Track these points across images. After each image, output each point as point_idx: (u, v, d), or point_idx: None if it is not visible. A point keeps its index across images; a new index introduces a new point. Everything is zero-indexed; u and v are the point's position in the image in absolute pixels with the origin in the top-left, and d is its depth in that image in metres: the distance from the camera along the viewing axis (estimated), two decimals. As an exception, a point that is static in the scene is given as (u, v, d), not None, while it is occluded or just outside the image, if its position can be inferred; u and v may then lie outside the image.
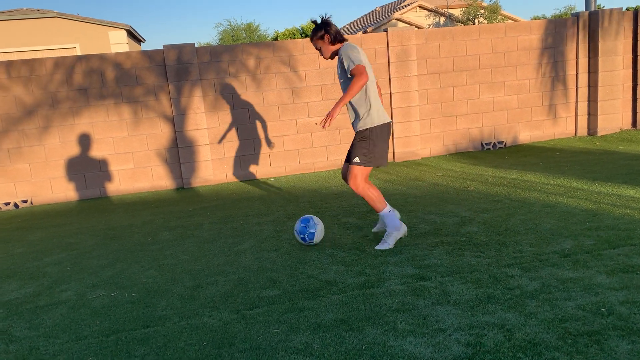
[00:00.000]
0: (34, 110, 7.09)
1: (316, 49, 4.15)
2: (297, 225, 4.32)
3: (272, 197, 6.46)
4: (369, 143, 4.00)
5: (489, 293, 3.09)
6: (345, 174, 4.22)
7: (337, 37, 4.06)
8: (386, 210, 4.07)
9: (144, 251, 4.61)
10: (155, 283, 3.77)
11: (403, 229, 4.13)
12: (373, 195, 4.05)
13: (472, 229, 4.34)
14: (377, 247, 4.08)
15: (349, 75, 3.91)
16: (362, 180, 4.02)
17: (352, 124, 4.14)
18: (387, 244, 4.07)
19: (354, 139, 4.10)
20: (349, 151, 4.15)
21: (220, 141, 7.58)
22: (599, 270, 3.27)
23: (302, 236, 4.27)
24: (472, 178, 6.40)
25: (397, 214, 4.20)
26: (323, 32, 4.04)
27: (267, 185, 7.29)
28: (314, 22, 4.12)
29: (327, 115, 3.78)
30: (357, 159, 4.01)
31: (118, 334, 2.99)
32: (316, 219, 4.32)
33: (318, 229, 4.28)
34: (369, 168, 4.05)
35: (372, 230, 4.54)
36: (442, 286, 3.25)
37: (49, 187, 7.31)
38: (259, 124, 7.70)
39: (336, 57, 4.13)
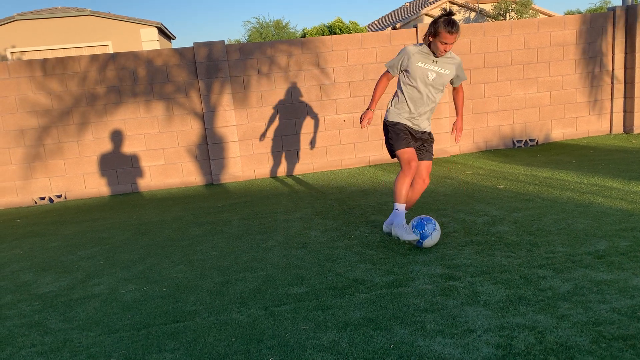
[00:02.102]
0: (68, 107, 7.26)
1: (450, 42, 3.84)
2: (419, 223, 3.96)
3: (299, 194, 6.47)
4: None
5: (520, 294, 3.04)
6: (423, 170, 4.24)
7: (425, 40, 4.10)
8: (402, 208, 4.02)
9: (174, 246, 4.67)
10: (185, 278, 3.82)
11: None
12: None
13: (503, 229, 4.28)
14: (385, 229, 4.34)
15: (455, 88, 4.29)
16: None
17: (427, 117, 4.19)
18: (395, 230, 3.98)
19: (430, 137, 4.24)
20: (426, 148, 4.23)
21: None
22: (635, 273, 3.19)
23: (418, 232, 3.91)
24: (502, 176, 6.30)
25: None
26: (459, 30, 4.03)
27: (295, 182, 7.31)
28: (452, 14, 3.89)
29: (460, 130, 4.31)
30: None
31: (149, 328, 3.04)
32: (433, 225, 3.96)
33: (433, 235, 3.93)
34: None
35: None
36: (471, 286, 3.21)
37: (82, 182, 7.48)
38: (287, 121, 7.72)
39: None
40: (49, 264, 4.48)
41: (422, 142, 4.20)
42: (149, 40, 19.02)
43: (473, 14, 29.69)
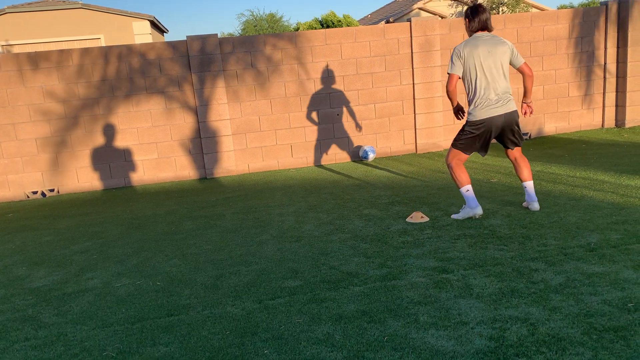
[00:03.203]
0: (60, 101, 7.21)
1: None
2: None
3: (293, 188, 6.48)
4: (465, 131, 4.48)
5: (513, 287, 3.07)
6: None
7: (472, 28, 4.37)
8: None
9: (168, 240, 4.67)
10: (179, 272, 3.83)
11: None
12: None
13: (496, 222, 4.31)
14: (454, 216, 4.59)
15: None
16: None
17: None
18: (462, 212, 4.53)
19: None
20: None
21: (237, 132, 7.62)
22: (626, 265, 3.22)
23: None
24: (495, 170, 6.33)
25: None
26: (466, 19, 4.43)
27: (288, 176, 7.31)
28: (473, 3, 4.34)
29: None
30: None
31: (143, 322, 3.05)
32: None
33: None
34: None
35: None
36: (464, 279, 3.24)
37: (75, 176, 7.45)
38: (281, 115, 7.71)
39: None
40: (42, 258, 4.46)
41: None
42: (141, 34, 18.89)
43: (466, 8, 29.69)
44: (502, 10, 28.29)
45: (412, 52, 7.78)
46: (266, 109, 7.66)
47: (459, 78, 4.36)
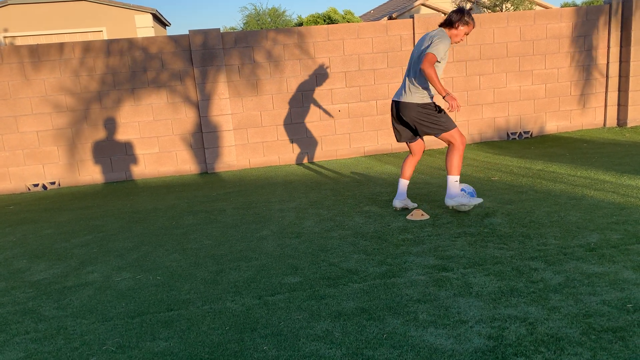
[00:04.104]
0: (62, 94, 7.21)
1: (466, 34, 4.39)
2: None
3: (294, 183, 6.48)
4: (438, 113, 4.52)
5: (512, 286, 3.07)
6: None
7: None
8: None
9: (168, 235, 4.68)
10: (179, 267, 3.83)
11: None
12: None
13: (496, 220, 4.31)
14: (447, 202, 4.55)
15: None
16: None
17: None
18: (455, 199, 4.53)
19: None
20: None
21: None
22: (626, 266, 3.22)
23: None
24: (496, 168, 6.33)
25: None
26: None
27: (289, 171, 7.31)
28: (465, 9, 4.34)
29: (455, 101, 4.19)
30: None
31: (143, 316, 3.05)
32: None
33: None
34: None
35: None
36: (464, 278, 3.24)
37: (76, 170, 7.45)
38: (282, 111, 7.71)
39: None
40: (42, 251, 4.47)
41: None
42: (143, 27, 18.85)
43: (469, 4, 29.60)
44: (505, 7, 28.20)
45: (414, 49, 7.76)
46: (268, 104, 7.65)
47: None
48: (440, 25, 4.40)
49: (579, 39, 8.24)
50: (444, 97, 4.12)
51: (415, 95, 4.41)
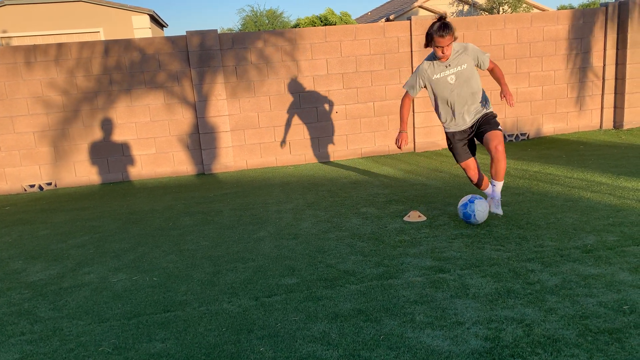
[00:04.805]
0: (59, 94, 7.19)
1: (444, 45, 4.03)
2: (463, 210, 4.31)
3: (291, 185, 6.48)
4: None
5: (509, 287, 3.08)
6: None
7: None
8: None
9: (165, 236, 4.67)
10: (175, 268, 3.83)
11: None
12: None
13: (493, 222, 4.31)
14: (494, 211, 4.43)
15: (488, 69, 4.32)
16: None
17: (468, 109, 4.33)
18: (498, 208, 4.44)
19: (482, 117, 4.33)
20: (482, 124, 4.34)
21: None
22: (622, 267, 3.23)
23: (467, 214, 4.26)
24: (493, 170, 6.33)
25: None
26: (453, 31, 4.08)
27: (286, 173, 7.31)
28: (444, 19, 4.08)
29: (510, 95, 4.10)
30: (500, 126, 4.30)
31: (139, 318, 3.05)
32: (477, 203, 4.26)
33: (479, 209, 4.21)
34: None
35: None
36: (461, 279, 3.24)
37: (72, 170, 7.43)
38: (279, 112, 7.70)
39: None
40: (38, 252, 4.46)
41: (477, 125, 4.36)
42: (140, 28, 18.83)
43: (466, 7, 29.66)
44: (502, 9, 28.27)
45: (411, 51, 7.78)
46: (265, 105, 7.65)
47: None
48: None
49: (575, 42, 8.26)
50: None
51: None
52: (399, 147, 4.34)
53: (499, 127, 4.27)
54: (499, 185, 4.33)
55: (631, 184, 5.12)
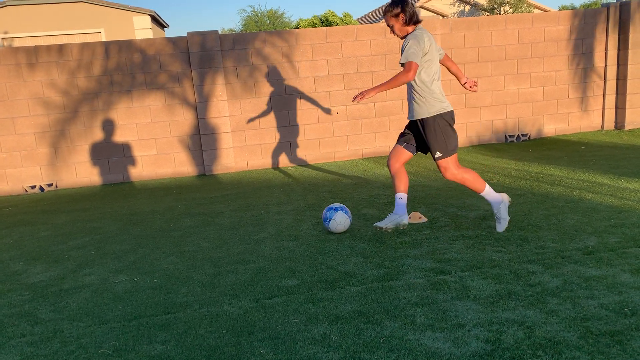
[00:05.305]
0: (60, 95, 7.19)
1: (388, 26, 4.00)
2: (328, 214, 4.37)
3: (292, 186, 6.47)
4: (441, 132, 3.94)
5: (510, 289, 3.07)
6: (392, 160, 4.15)
7: (412, 19, 3.93)
8: (487, 189, 4.07)
9: (166, 237, 4.66)
10: (176, 269, 3.82)
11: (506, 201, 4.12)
12: (470, 177, 4.03)
13: (494, 223, 4.30)
14: (499, 230, 4.10)
15: (401, 65, 3.85)
16: (455, 168, 4.01)
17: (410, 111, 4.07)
18: (501, 223, 4.10)
19: (425, 130, 3.99)
20: (425, 145, 4.07)
21: (249, 121, 7.61)
22: (623, 269, 3.22)
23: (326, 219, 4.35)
24: (494, 171, 6.33)
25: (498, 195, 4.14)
26: (399, 10, 3.90)
27: (287, 174, 7.30)
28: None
29: (362, 92, 3.78)
30: (438, 154, 3.98)
31: (139, 319, 3.04)
32: (342, 214, 4.31)
33: (336, 220, 4.29)
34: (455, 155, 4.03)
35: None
36: (462, 281, 3.24)
37: (73, 171, 7.43)
38: (280, 113, 7.70)
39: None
40: (39, 254, 4.46)
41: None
42: (141, 29, 18.85)
43: (468, 7, 29.64)
44: (503, 10, 28.26)
45: (412, 52, 7.76)
46: (266, 106, 7.65)
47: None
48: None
49: (577, 42, 8.25)
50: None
51: None
52: (354, 100, 3.85)
53: (437, 155, 4.04)
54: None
55: (633, 185, 5.11)
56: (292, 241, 4.28)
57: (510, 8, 28.05)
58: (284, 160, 7.88)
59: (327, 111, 7.74)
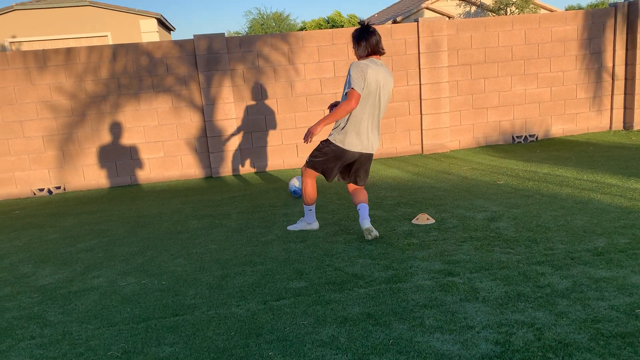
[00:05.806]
0: (68, 99, 7.23)
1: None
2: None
3: (299, 187, 6.47)
4: (323, 151, 4.19)
5: (519, 291, 3.05)
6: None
7: (362, 53, 4.05)
8: (312, 207, 4.46)
9: (173, 239, 4.67)
10: (184, 272, 3.83)
11: (314, 225, 4.57)
12: (309, 191, 4.36)
13: (502, 225, 4.28)
14: (289, 227, 4.63)
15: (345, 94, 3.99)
16: (307, 178, 4.32)
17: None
18: (298, 223, 4.60)
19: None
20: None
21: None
22: (634, 270, 3.19)
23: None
24: (502, 172, 6.30)
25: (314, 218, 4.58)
26: (354, 42, 4.08)
27: (294, 175, 7.30)
28: (360, 23, 4.10)
29: (309, 131, 3.99)
30: (308, 158, 4.29)
31: (148, 322, 3.05)
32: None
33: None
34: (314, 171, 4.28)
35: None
36: (470, 282, 3.22)
37: (81, 174, 7.47)
38: (287, 115, 7.70)
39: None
40: (48, 256, 4.48)
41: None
42: (148, 32, 18.93)
43: (474, 8, 29.57)
44: (510, 10, 28.16)
45: (419, 53, 7.76)
46: (272, 108, 7.65)
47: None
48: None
49: (584, 42, 8.21)
50: None
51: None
52: (306, 142, 4.07)
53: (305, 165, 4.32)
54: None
55: (642, 186, 5.07)
56: (299, 243, 4.27)
57: (516, 9, 27.95)
58: (290, 162, 7.88)
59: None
